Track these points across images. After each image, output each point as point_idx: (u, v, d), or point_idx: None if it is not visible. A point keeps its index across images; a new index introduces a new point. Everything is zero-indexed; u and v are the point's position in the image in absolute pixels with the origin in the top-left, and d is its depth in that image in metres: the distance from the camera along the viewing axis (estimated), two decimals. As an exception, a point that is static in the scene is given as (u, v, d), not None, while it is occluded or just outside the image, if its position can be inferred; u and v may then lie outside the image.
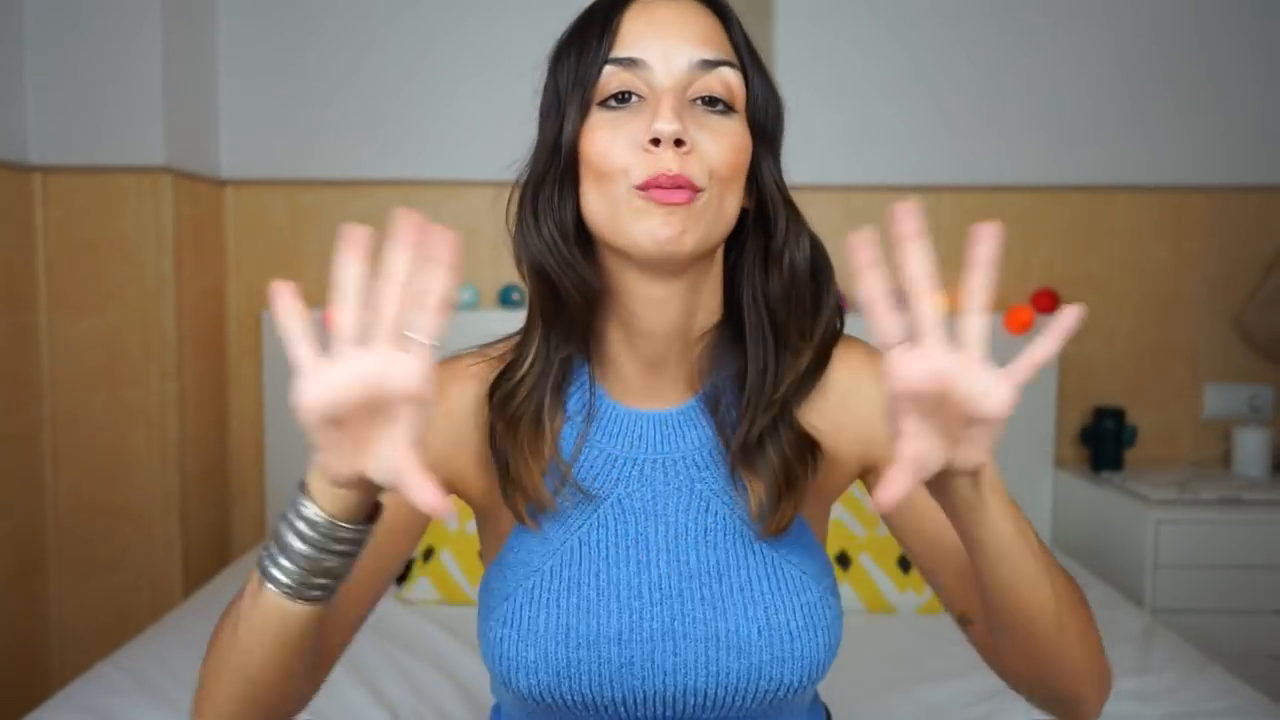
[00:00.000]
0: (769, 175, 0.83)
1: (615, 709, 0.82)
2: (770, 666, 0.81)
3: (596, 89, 0.80)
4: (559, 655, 0.81)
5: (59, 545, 2.34)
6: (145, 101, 2.28)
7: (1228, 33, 2.66)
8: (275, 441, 2.61)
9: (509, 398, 0.85)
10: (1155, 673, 1.68)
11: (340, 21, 2.61)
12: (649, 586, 0.83)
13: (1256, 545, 2.27)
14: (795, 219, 0.84)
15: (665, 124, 0.75)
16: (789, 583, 0.83)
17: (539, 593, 0.83)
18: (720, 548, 0.84)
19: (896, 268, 0.63)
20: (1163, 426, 2.73)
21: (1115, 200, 2.69)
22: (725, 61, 0.79)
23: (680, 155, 0.76)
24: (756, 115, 0.81)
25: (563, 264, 0.81)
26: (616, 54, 0.79)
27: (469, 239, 3.29)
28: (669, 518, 0.84)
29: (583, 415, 0.86)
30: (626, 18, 0.80)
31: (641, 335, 0.84)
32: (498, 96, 2.62)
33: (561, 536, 0.84)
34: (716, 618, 0.82)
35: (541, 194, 0.82)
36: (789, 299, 0.84)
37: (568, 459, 0.85)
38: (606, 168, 0.78)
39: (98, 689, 1.55)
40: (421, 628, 1.86)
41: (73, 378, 2.31)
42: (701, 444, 0.86)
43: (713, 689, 0.82)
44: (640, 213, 0.77)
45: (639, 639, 0.81)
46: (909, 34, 2.64)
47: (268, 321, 2.59)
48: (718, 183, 0.78)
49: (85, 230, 2.29)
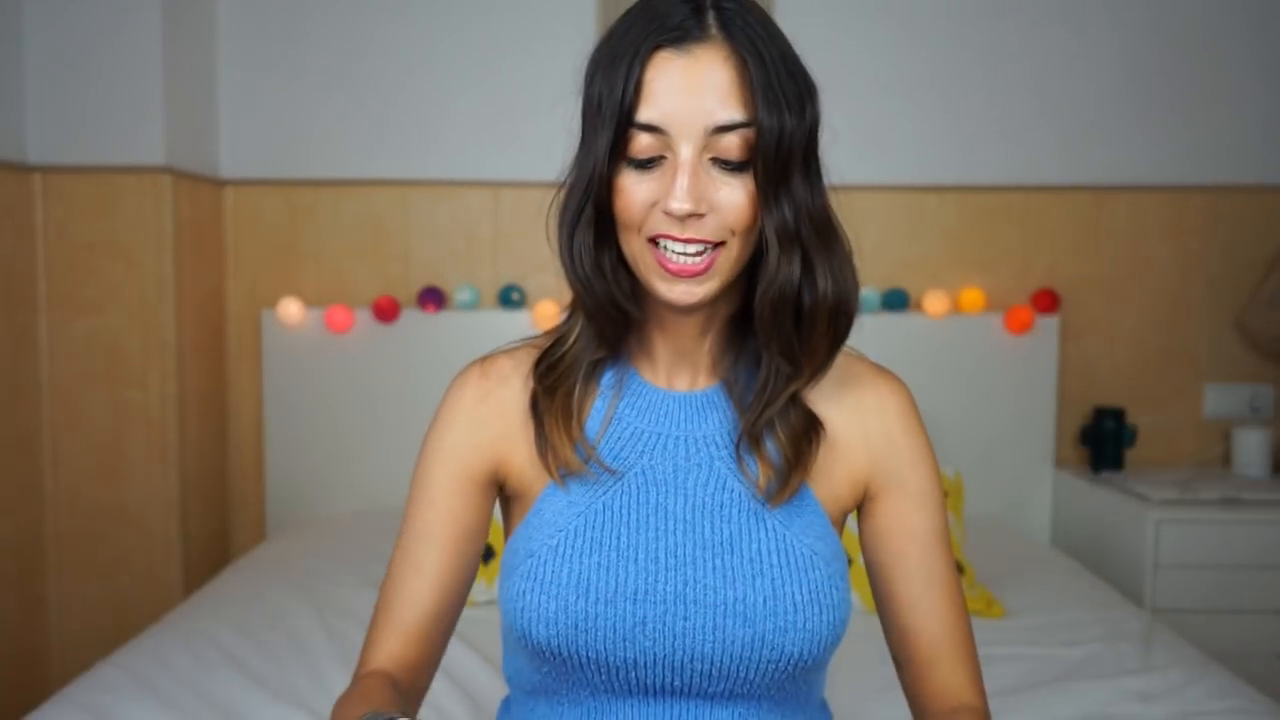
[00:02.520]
0: (771, 220, 0.84)
1: (627, 671, 0.87)
2: (774, 635, 0.85)
3: (626, 145, 0.83)
4: (578, 608, 0.85)
5: (59, 546, 2.34)
6: (145, 101, 2.28)
7: (1229, 34, 2.66)
8: (275, 442, 2.61)
9: (551, 369, 0.93)
10: (1155, 673, 1.68)
11: (340, 22, 2.61)
12: (665, 552, 0.88)
13: (1256, 545, 2.27)
14: (789, 256, 0.84)
15: (680, 204, 0.81)
16: (798, 559, 0.88)
17: (563, 549, 0.88)
18: (735, 521, 0.89)
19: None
20: (1163, 426, 2.73)
21: (1116, 200, 2.69)
22: (742, 124, 0.81)
23: (696, 222, 0.82)
24: (767, 164, 0.82)
25: (596, 300, 0.89)
26: (640, 117, 0.82)
27: (469, 239, 3.30)
28: (688, 491, 0.90)
29: (614, 390, 0.94)
30: (649, 74, 0.82)
31: (671, 334, 0.93)
32: (497, 97, 2.62)
33: (587, 500, 0.90)
34: (726, 586, 0.86)
35: (577, 232, 0.88)
36: (773, 324, 0.87)
37: (597, 431, 0.92)
38: (631, 220, 0.85)
39: (98, 689, 1.54)
40: (421, 628, 1.86)
41: (73, 378, 2.31)
42: (722, 425, 0.93)
43: (718, 655, 0.86)
44: (660, 273, 0.85)
45: (653, 600, 0.86)
46: (910, 35, 2.64)
47: (268, 321, 2.59)
48: (737, 236, 0.84)
49: (85, 230, 2.29)
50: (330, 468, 2.61)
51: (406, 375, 2.58)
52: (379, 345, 2.59)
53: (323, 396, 2.60)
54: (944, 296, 2.61)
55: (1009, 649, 1.79)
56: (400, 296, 2.63)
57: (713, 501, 0.90)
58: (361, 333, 2.59)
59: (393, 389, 2.58)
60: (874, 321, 2.54)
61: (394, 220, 2.65)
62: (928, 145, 2.67)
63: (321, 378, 2.59)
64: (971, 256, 2.69)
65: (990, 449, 2.63)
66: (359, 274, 2.65)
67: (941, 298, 2.61)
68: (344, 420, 2.60)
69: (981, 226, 2.69)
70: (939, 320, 2.61)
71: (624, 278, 0.89)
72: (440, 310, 2.58)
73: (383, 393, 2.58)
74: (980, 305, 2.62)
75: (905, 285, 2.65)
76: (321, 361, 2.59)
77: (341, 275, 2.64)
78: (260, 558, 2.25)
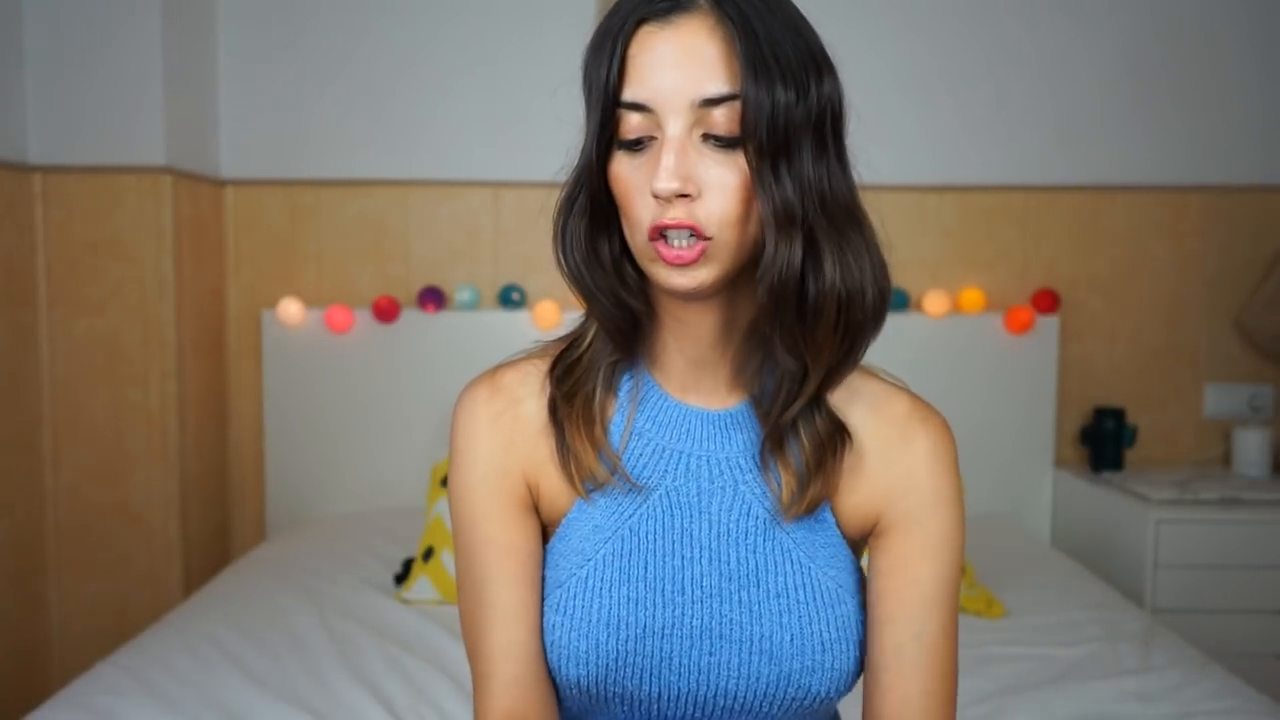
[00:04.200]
0: (766, 200, 0.77)
1: (650, 705, 0.85)
2: (800, 675, 0.83)
3: (616, 128, 0.80)
4: (609, 646, 0.83)
5: (59, 545, 2.34)
6: (145, 101, 2.28)
7: (1228, 33, 2.66)
8: (275, 441, 2.61)
9: (568, 373, 0.88)
10: (1156, 673, 1.68)
11: (339, 22, 2.61)
12: (691, 584, 0.85)
13: (1256, 545, 2.27)
14: (787, 241, 0.78)
15: (664, 184, 0.76)
16: (825, 594, 0.85)
17: (593, 581, 0.85)
18: (760, 552, 0.86)
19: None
20: (1163, 426, 2.73)
21: (1116, 200, 2.69)
22: (729, 96, 0.76)
23: (687, 204, 0.77)
24: (756, 139, 0.76)
25: (591, 292, 0.84)
26: (626, 96, 0.78)
27: (469, 239, 3.30)
28: (713, 515, 0.86)
29: (631, 400, 0.88)
30: (632, 50, 0.78)
31: (685, 338, 0.86)
32: (496, 96, 2.62)
33: (614, 525, 0.87)
34: (752, 622, 0.84)
35: (570, 222, 0.84)
36: (772, 317, 0.80)
37: (618, 444, 0.87)
38: (629, 211, 0.80)
39: (98, 689, 1.54)
40: (421, 628, 1.86)
41: (73, 378, 2.31)
42: (747, 447, 0.87)
43: (743, 692, 0.83)
44: (657, 262, 0.79)
45: (680, 635, 0.84)
46: (910, 35, 2.65)
47: (268, 321, 2.59)
48: (729, 227, 0.78)
49: (85, 230, 2.29)
50: (330, 467, 2.61)
51: (406, 375, 2.58)
52: (379, 345, 2.59)
53: (323, 396, 2.60)
54: (944, 296, 2.61)
55: (1009, 649, 1.80)
56: (400, 296, 2.63)
57: (737, 529, 0.86)
58: (361, 333, 2.59)
59: (393, 389, 2.59)
60: (874, 321, 2.53)
61: (394, 220, 2.65)
62: (927, 145, 2.67)
63: (321, 378, 2.59)
64: (971, 256, 2.69)
65: (990, 449, 2.63)
66: (359, 274, 2.65)
67: (941, 298, 2.61)
68: (344, 420, 2.60)
69: (981, 226, 2.69)
70: (939, 320, 2.61)
71: (630, 273, 0.84)
72: (440, 310, 2.58)
73: (383, 393, 2.58)
74: (980, 305, 2.62)
75: (905, 285, 2.65)
76: (321, 361, 2.59)
77: (341, 275, 2.64)
78: (260, 558, 2.25)
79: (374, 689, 1.60)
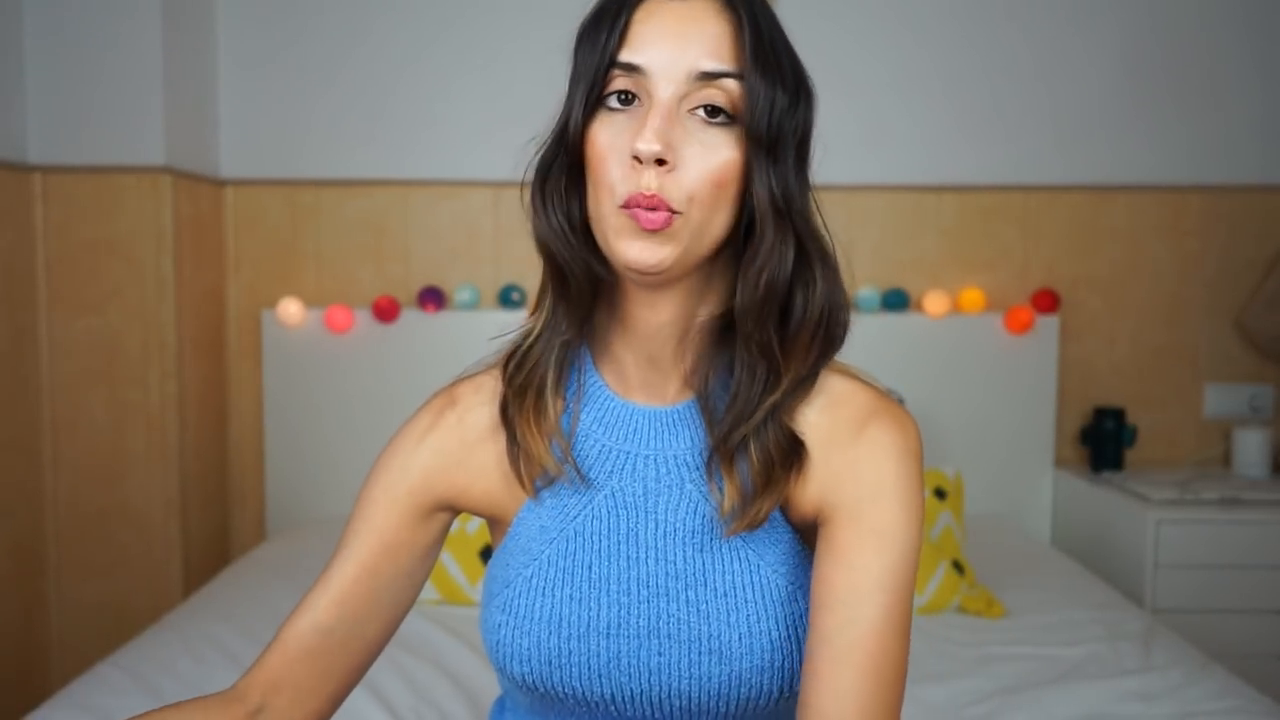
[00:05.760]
0: (763, 186, 0.78)
1: (605, 705, 0.85)
2: (751, 674, 0.82)
3: (604, 85, 0.79)
4: (551, 644, 0.84)
5: (59, 546, 2.34)
6: (145, 101, 2.28)
7: (1228, 33, 2.66)
8: (275, 441, 2.61)
9: (519, 367, 0.88)
10: (1156, 673, 1.68)
11: (339, 22, 2.61)
12: (637, 583, 0.85)
13: (1256, 545, 2.27)
14: (783, 235, 0.79)
15: (646, 144, 0.75)
16: (774, 592, 0.84)
17: (537, 581, 0.86)
18: (707, 550, 0.85)
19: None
20: (1163, 426, 2.73)
21: (1116, 200, 2.69)
22: (727, 73, 0.77)
23: (661, 174, 0.76)
24: (756, 124, 0.77)
25: (570, 253, 0.82)
26: (622, 57, 0.78)
27: (469, 239, 3.30)
28: (659, 515, 0.86)
29: (575, 399, 0.88)
30: (637, 16, 0.79)
31: (637, 333, 0.85)
32: (497, 96, 2.62)
33: (559, 525, 0.87)
34: (700, 621, 0.83)
35: (549, 181, 0.84)
36: (761, 312, 0.80)
37: (566, 438, 0.87)
38: (601, 176, 0.78)
39: (98, 689, 1.54)
40: (421, 628, 1.86)
41: (72, 378, 2.31)
42: (694, 445, 0.86)
43: (696, 692, 0.83)
44: (621, 231, 0.77)
45: (626, 635, 0.84)
46: (910, 35, 2.64)
47: (268, 321, 2.59)
48: (697, 205, 0.77)
49: (85, 230, 2.29)
50: (330, 468, 2.60)
51: (406, 375, 2.58)
52: (379, 345, 2.59)
53: (323, 396, 2.60)
54: (944, 296, 2.61)
55: (1009, 649, 1.80)
56: (400, 296, 2.63)
57: (684, 528, 0.85)
58: (361, 333, 2.59)
59: (393, 389, 2.58)
60: (874, 321, 2.53)
61: (394, 220, 2.65)
62: (927, 145, 2.67)
63: (321, 378, 2.59)
64: (971, 256, 2.69)
65: (990, 449, 2.63)
66: (359, 274, 2.65)
67: (941, 298, 2.61)
68: (344, 420, 2.60)
69: (981, 226, 2.69)
70: (939, 320, 2.61)
71: (595, 244, 0.82)
72: (440, 310, 2.58)
73: (383, 393, 2.58)
74: (980, 305, 2.62)
75: (905, 285, 2.65)
76: (321, 361, 2.59)
77: (341, 275, 2.64)
78: (260, 558, 2.25)
79: (374, 689, 1.60)
